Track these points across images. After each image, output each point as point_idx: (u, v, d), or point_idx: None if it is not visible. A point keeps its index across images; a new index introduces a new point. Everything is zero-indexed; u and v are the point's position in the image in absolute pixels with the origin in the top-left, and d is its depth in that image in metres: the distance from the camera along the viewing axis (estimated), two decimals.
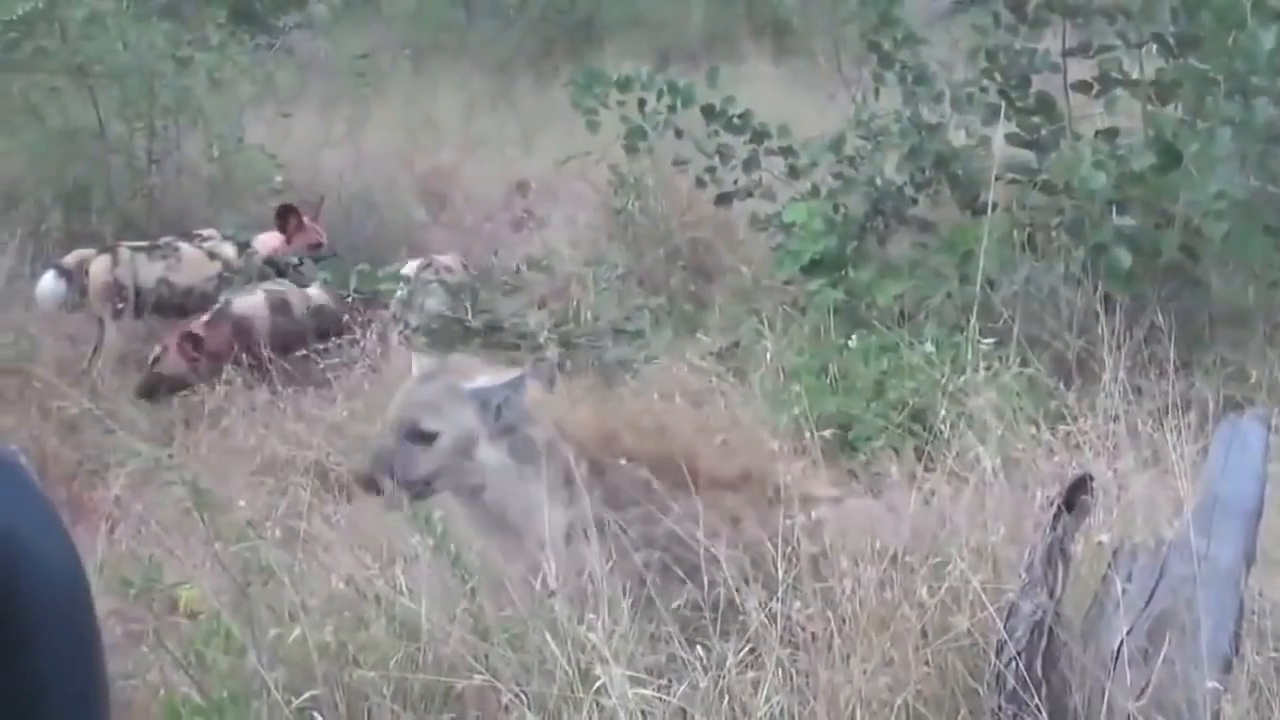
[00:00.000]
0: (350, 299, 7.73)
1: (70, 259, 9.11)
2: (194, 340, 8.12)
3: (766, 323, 7.27)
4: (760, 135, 8.21)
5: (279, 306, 8.45)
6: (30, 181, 10.63)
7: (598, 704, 3.90)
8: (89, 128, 10.88)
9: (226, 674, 4.39)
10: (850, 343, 6.97)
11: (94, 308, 8.99)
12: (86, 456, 7.55)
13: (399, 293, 7.93)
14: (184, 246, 9.31)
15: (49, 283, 9.02)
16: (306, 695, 4.19)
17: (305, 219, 9.52)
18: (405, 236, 10.95)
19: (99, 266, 8.99)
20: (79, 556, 0.83)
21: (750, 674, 4.04)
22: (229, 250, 9.35)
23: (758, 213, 8.41)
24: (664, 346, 7.33)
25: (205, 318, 8.32)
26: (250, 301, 8.45)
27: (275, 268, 9.03)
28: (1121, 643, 3.85)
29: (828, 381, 6.77)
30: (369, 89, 13.25)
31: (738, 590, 4.32)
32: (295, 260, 9.01)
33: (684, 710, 3.95)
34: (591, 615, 4.06)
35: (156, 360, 8.20)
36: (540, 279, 8.59)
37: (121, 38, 10.85)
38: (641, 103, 8.27)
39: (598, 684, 3.85)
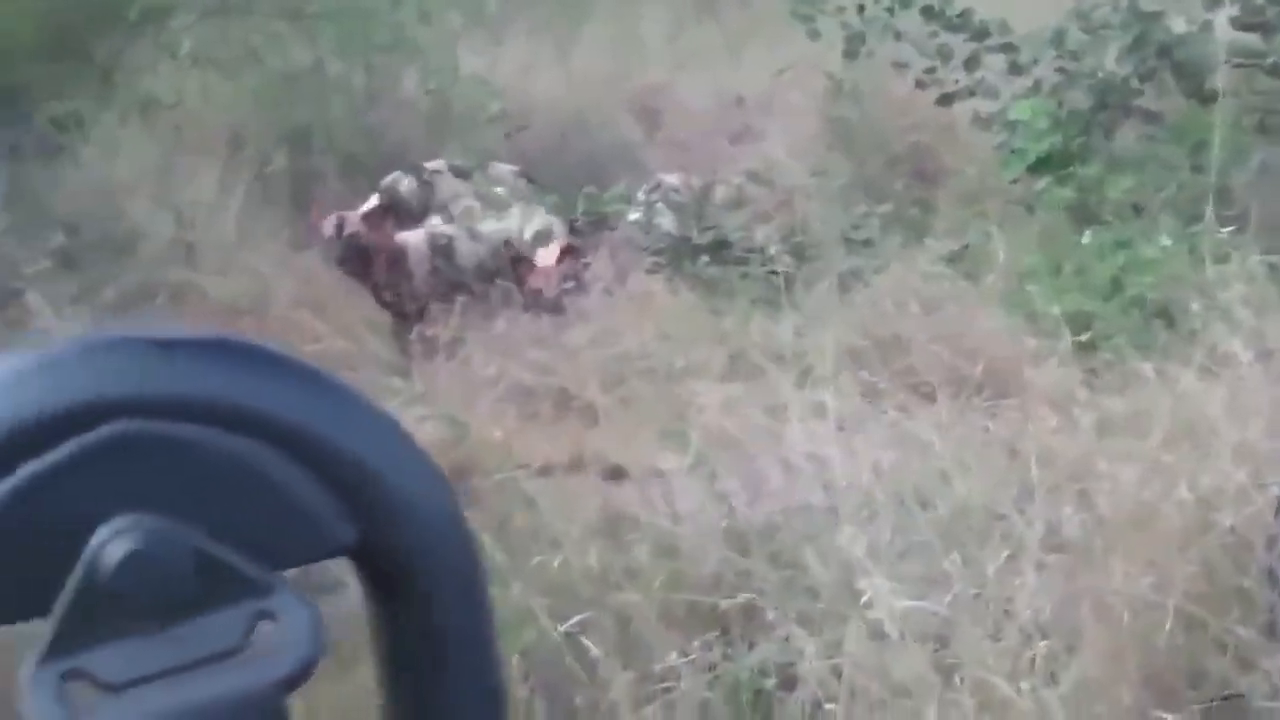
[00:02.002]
0: (577, 222, 7.78)
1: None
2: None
3: (995, 224, 7.19)
4: (980, 33, 8.09)
5: (441, 250, 8.48)
6: (254, 124, 10.80)
7: (863, 617, 3.93)
8: (308, 68, 11.04)
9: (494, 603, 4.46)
10: (1084, 239, 6.89)
11: None
12: None
13: (631, 215, 7.97)
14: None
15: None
16: (574, 620, 4.26)
17: None
18: (621, 157, 10.95)
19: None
20: (456, 495, 0.82)
21: (1017, 581, 4.03)
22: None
23: (979, 113, 8.29)
24: (893, 254, 7.29)
25: (365, 209, 8.36)
26: (411, 236, 8.53)
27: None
28: None
29: (1062, 280, 6.69)
30: (575, 10, 13.26)
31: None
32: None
33: (950, 620, 3.96)
34: (852, 529, 4.08)
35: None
36: (763, 192, 8.58)
37: None
38: (861, 8, 8.20)
39: (865, 598, 3.87)
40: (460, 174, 9.60)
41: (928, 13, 8.08)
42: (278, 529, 0.74)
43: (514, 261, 8.20)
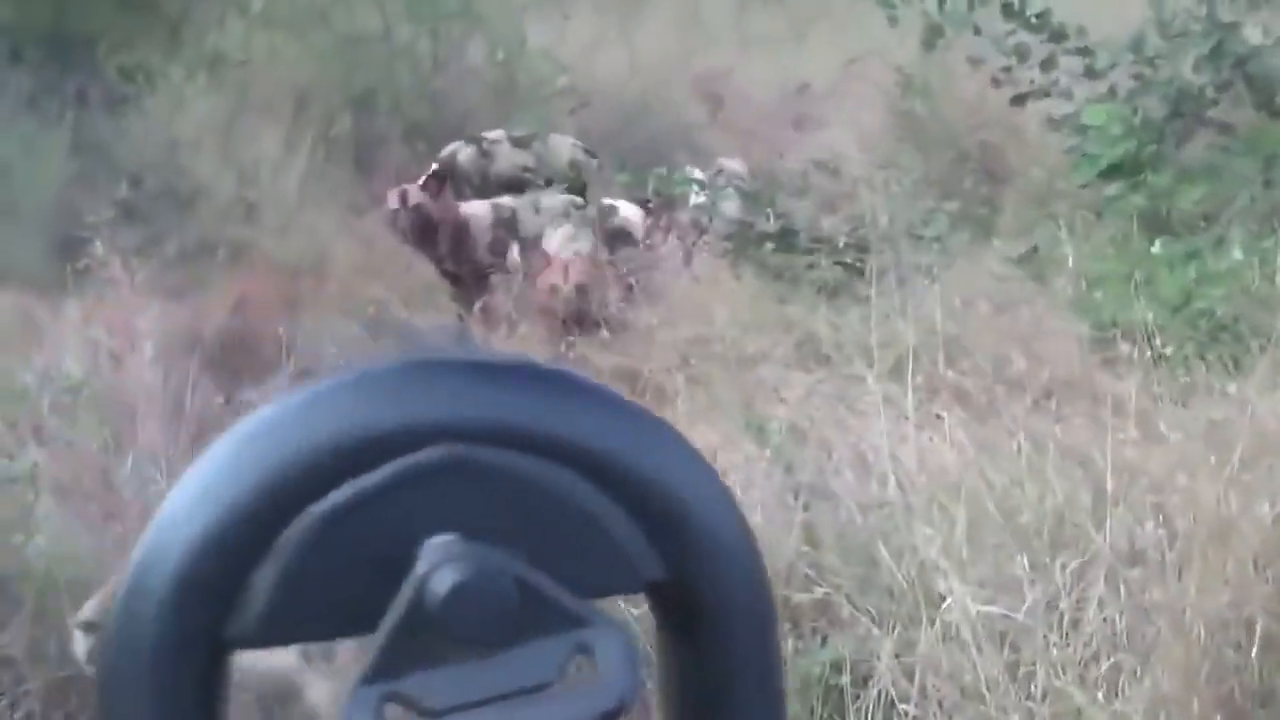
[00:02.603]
0: (650, 204, 7.77)
1: None
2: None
3: (1064, 228, 7.17)
4: (1058, 35, 8.05)
5: (505, 222, 8.48)
6: (320, 86, 10.81)
7: (937, 619, 3.92)
8: (375, 32, 11.05)
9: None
10: (1155, 249, 6.86)
11: None
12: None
13: (695, 198, 7.96)
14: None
15: None
16: (643, 610, 4.25)
17: None
18: (683, 138, 10.95)
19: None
20: (747, 520, 0.82)
21: (1090, 591, 4.02)
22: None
23: (1052, 115, 8.25)
24: (961, 252, 7.27)
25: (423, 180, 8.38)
26: (475, 208, 8.53)
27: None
28: None
29: (1132, 289, 6.67)
30: None
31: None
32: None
33: (1024, 627, 3.95)
34: (928, 530, 4.08)
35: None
36: (827, 182, 8.56)
37: None
38: (941, 1, 8.16)
39: (946, 603, 3.86)
40: (520, 144, 9.63)
41: (1007, 10, 8.04)
42: (589, 560, 0.75)
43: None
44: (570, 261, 7.54)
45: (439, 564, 0.71)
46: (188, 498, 0.74)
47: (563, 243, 7.89)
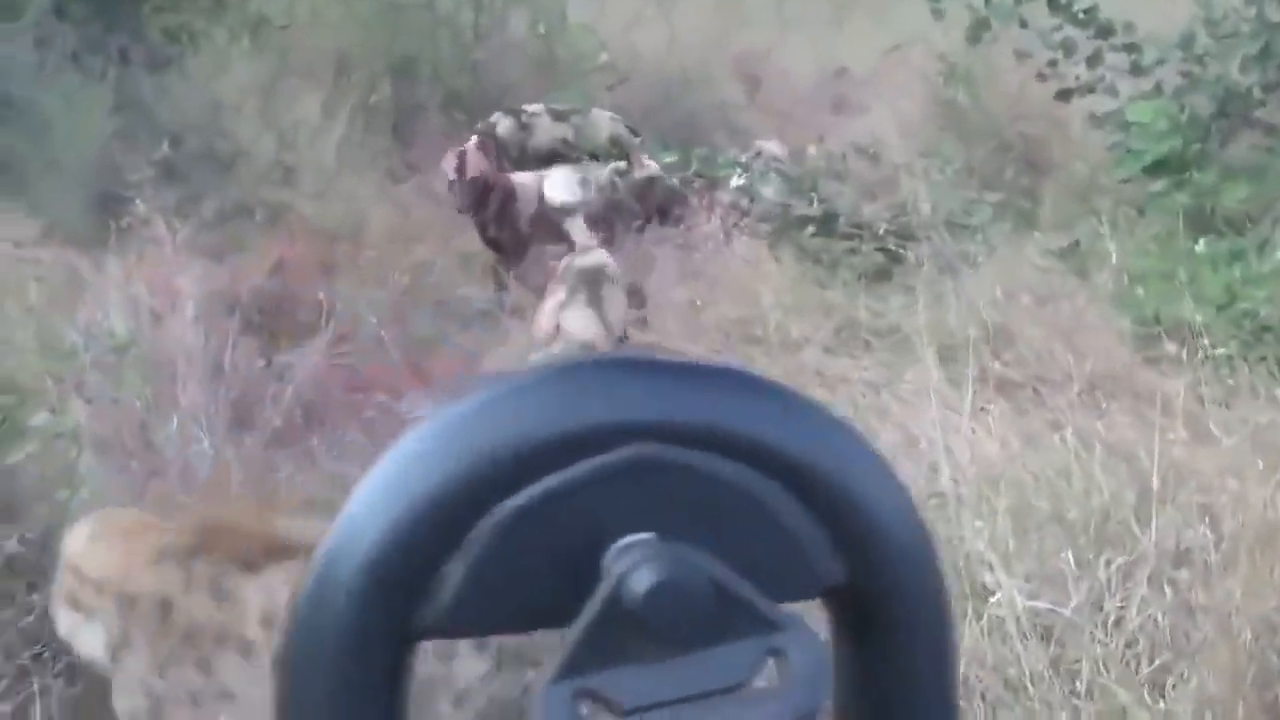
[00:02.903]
0: (694, 181, 7.77)
1: None
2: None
3: (1106, 223, 7.15)
4: (1105, 30, 8.03)
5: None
6: (362, 53, 10.80)
7: (985, 613, 3.92)
8: (418, 0, 11.04)
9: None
10: (1199, 248, 6.84)
11: None
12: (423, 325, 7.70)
13: (735, 180, 7.96)
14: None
15: None
16: None
17: None
18: (720, 118, 10.96)
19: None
20: (928, 528, 0.82)
21: (1135, 590, 4.02)
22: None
23: (1095, 110, 8.23)
24: (1002, 242, 7.26)
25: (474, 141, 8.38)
26: (523, 177, 8.52)
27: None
28: None
29: (1175, 286, 6.65)
30: None
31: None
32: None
33: (1069, 624, 3.95)
34: (978, 522, 4.07)
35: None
36: (866, 168, 8.55)
37: None
38: None
39: (995, 597, 3.86)
40: (560, 118, 9.63)
41: (1054, 5, 8.02)
42: (773, 563, 0.75)
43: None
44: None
45: (637, 563, 0.71)
46: (378, 490, 0.75)
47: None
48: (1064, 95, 8.26)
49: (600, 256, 6.67)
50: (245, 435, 5.76)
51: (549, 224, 8.09)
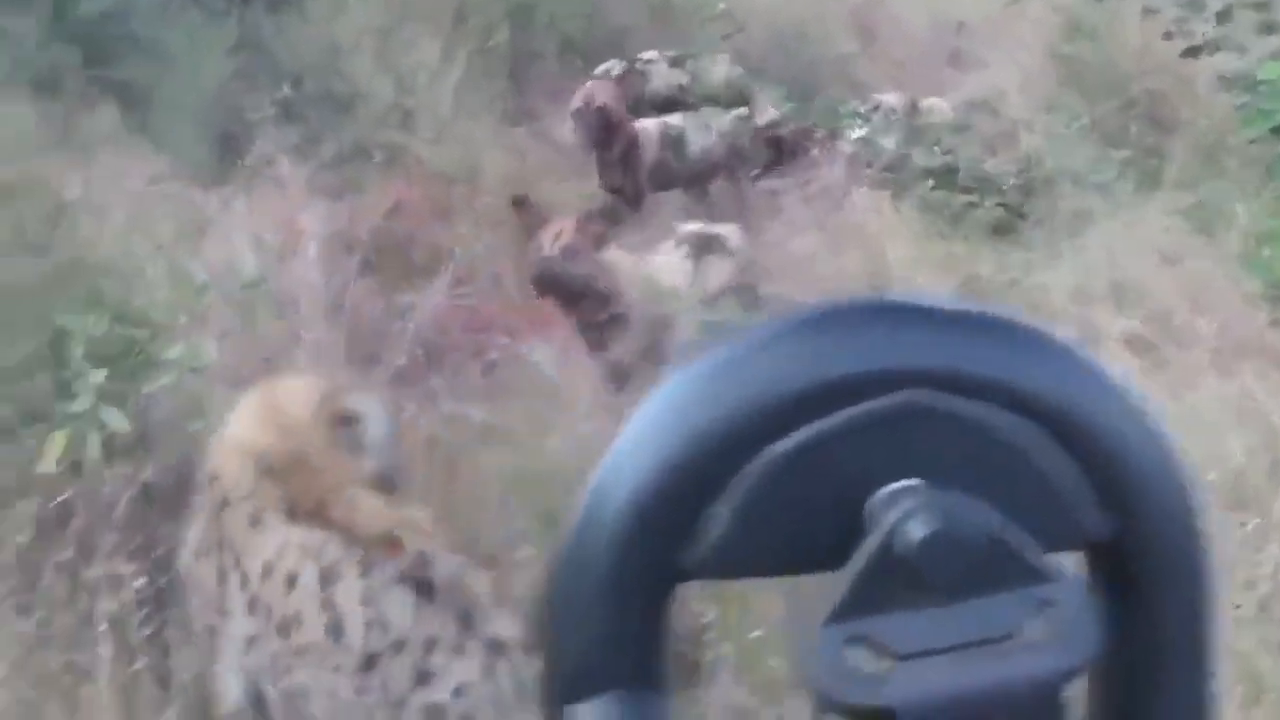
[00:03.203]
0: (815, 131, 7.74)
1: None
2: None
3: (1233, 183, 7.07)
4: None
5: (672, 141, 8.47)
6: None
7: None
8: None
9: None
10: None
11: None
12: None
13: (856, 131, 7.92)
14: None
15: None
16: None
17: None
18: (837, 70, 10.88)
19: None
20: (1195, 481, 0.80)
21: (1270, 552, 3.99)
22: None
23: (1223, 69, 8.12)
24: (1127, 200, 7.19)
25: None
26: (646, 124, 8.51)
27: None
28: None
29: None
30: None
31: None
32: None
33: None
34: None
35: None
36: (986, 122, 8.49)
37: None
38: None
39: None
40: (675, 64, 9.61)
41: None
42: (1042, 515, 0.74)
43: None
44: None
45: (911, 510, 0.71)
46: (646, 429, 0.75)
47: None
48: (1191, 53, 8.15)
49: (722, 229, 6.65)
50: (367, 374, 5.80)
51: (669, 173, 8.09)
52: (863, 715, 0.70)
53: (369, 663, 3.52)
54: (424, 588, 3.56)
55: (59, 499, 4.05)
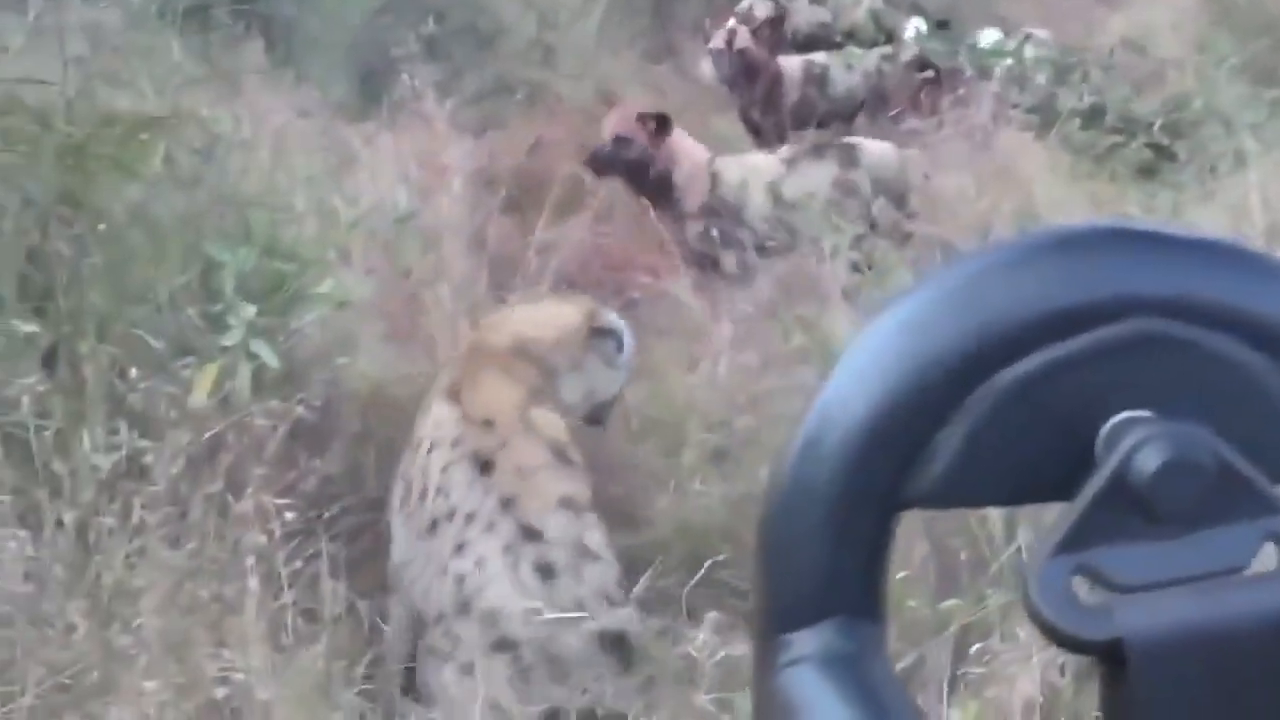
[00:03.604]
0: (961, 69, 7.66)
1: None
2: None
3: None
4: None
5: (815, 79, 8.43)
6: None
7: None
8: None
9: None
10: None
11: None
12: None
13: (1002, 68, 7.82)
14: None
15: None
16: None
17: None
18: (983, 6, 10.74)
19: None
20: None
21: None
22: None
23: None
24: (1277, 141, 7.05)
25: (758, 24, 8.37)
26: (790, 62, 8.46)
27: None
28: None
29: None
30: None
31: None
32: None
33: None
34: None
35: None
36: (1135, 61, 8.35)
37: None
38: None
39: None
40: (817, 0, 9.55)
41: None
42: (1271, 447, 0.72)
43: None
44: None
45: (1143, 440, 0.70)
46: (874, 353, 0.74)
47: None
48: None
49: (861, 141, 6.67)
50: None
51: (811, 111, 8.05)
52: (1088, 647, 0.69)
53: (432, 527, 3.85)
54: (486, 466, 3.83)
55: (210, 433, 4.09)
